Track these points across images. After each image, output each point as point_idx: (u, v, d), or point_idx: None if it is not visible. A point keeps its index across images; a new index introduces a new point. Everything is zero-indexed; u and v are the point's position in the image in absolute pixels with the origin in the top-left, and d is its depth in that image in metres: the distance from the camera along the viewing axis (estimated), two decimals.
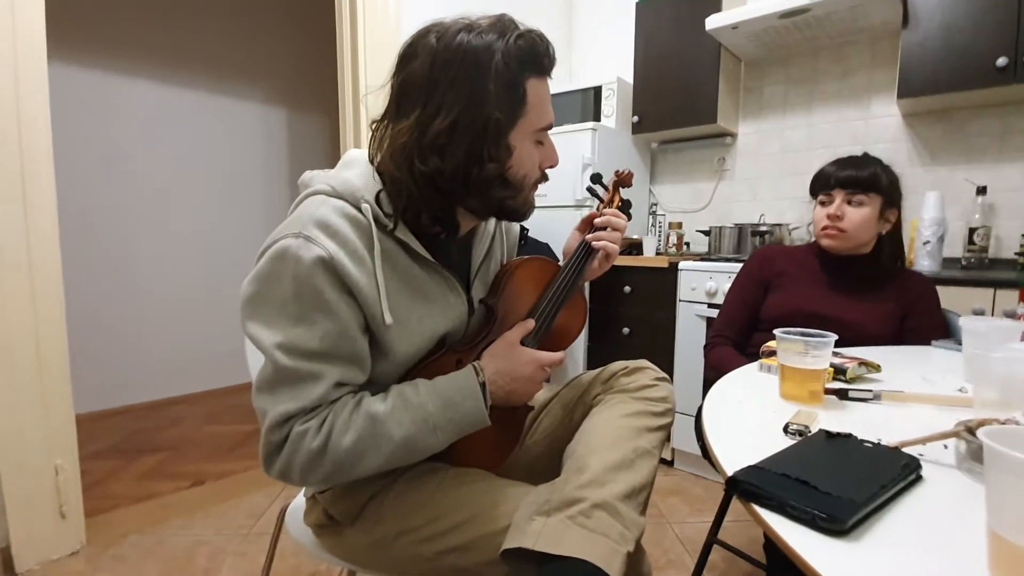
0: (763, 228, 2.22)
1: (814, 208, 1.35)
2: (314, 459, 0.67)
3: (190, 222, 3.17)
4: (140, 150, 2.95)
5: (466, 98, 0.69)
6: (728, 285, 1.45)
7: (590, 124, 2.36)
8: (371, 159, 0.77)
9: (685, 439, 2.10)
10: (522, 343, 0.81)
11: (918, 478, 0.55)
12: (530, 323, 0.84)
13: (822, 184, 1.32)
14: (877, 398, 0.80)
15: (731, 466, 0.55)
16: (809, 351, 0.77)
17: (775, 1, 1.96)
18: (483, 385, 0.75)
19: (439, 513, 0.74)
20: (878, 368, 0.94)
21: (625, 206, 1.01)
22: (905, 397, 0.80)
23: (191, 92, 3.13)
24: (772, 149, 2.47)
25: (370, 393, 0.73)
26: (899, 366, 1.01)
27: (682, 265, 2.12)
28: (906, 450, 0.58)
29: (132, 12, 2.89)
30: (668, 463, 2.23)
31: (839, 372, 0.89)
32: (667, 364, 2.15)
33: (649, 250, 2.45)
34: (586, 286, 1.13)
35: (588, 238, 0.94)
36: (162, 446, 2.47)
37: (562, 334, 0.95)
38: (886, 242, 1.32)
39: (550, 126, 0.79)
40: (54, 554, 1.56)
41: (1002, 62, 1.65)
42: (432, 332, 0.78)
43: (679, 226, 2.65)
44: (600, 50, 3.02)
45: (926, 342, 1.22)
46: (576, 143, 2.36)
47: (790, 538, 0.45)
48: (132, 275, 2.97)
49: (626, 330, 2.30)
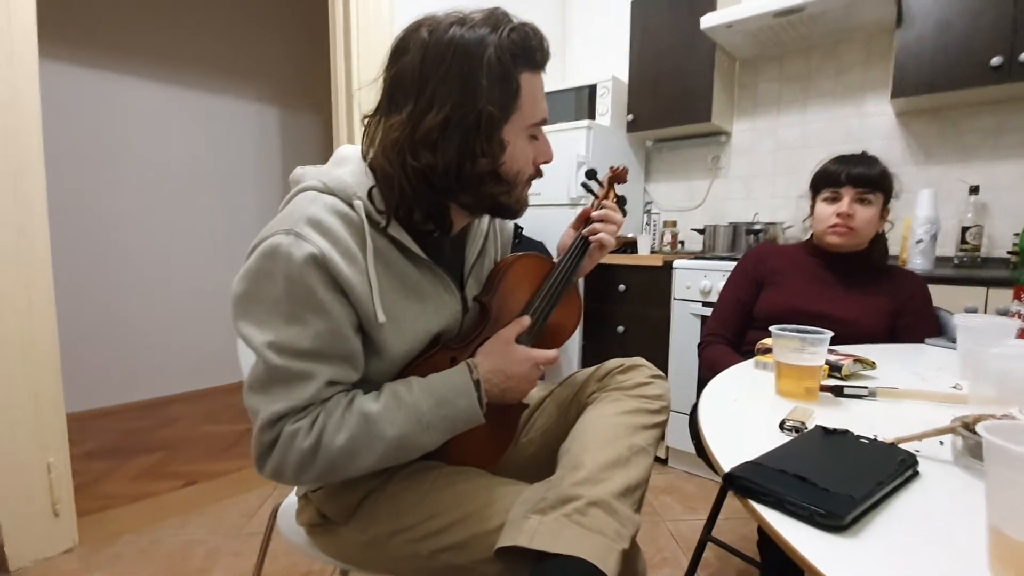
0: (757, 226, 2.23)
1: (813, 205, 1.35)
2: (306, 458, 0.66)
3: (184, 220, 3.15)
4: (133, 149, 2.93)
5: (458, 92, 0.68)
6: (723, 283, 1.45)
7: (585, 122, 2.36)
8: (363, 155, 0.76)
9: (679, 437, 2.09)
10: (517, 341, 0.81)
11: (915, 474, 0.54)
12: (525, 320, 0.83)
13: (830, 181, 1.29)
14: (873, 395, 0.80)
15: (728, 462, 0.55)
16: (805, 348, 0.77)
17: None
18: (477, 383, 0.74)
19: (433, 511, 0.74)
20: (873, 365, 0.94)
21: (620, 202, 1.00)
22: (900, 394, 0.80)
23: (184, 90, 3.10)
24: (766, 147, 2.47)
25: (363, 391, 0.72)
26: (893, 364, 1.01)
27: (677, 263, 2.12)
28: (902, 446, 0.58)
29: (125, 12, 2.87)
30: (662, 461, 2.23)
31: (834, 369, 0.89)
32: (662, 362, 2.15)
33: (644, 248, 2.44)
34: (580, 284, 1.12)
35: (585, 231, 0.93)
36: (157, 446, 2.45)
37: (557, 331, 0.94)
38: (878, 240, 1.32)
39: (544, 121, 0.78)
40: (47, 552, 1.55)
41: (996, 61, 1.65)
42: (426, 330, 0.78)
43: (674, 224, 2.66)
44: (594, 48, 3.01)
45: (919, 340, 1.22)
46: (571, 142, 2.36)
47: (788, 534, 0.44)
48: (126, 273, 2.94)
49: (621, 328, 2.30)
